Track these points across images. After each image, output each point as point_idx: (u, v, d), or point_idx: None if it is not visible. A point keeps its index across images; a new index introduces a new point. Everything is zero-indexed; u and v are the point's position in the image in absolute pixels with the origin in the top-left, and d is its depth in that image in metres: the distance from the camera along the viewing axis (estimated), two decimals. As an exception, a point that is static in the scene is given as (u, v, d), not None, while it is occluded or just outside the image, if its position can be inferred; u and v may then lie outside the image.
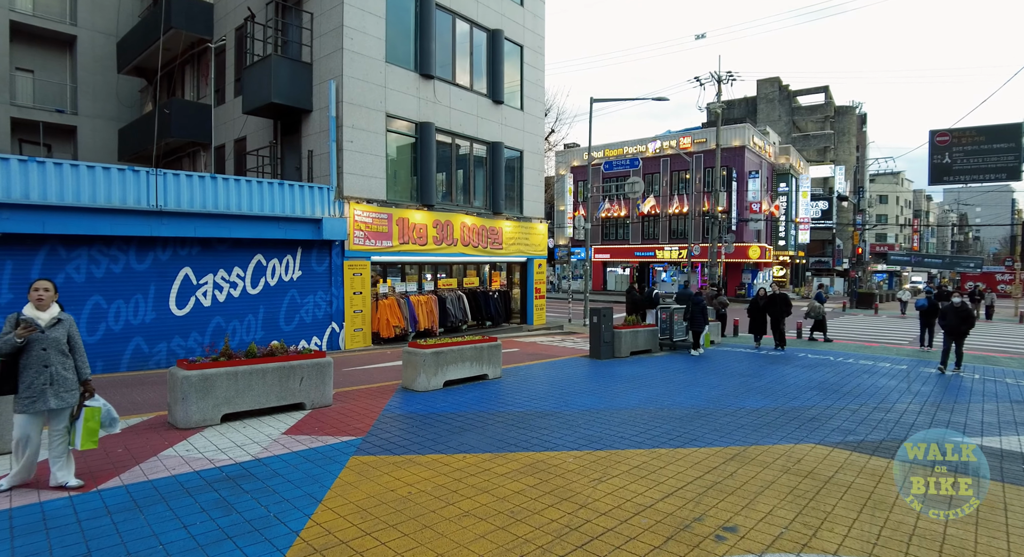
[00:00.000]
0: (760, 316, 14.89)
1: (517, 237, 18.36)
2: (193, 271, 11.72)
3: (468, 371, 9.34)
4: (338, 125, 13.74)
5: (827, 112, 60.30)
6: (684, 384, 9.69)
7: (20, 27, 23.29)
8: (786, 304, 14.44)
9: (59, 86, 25.20)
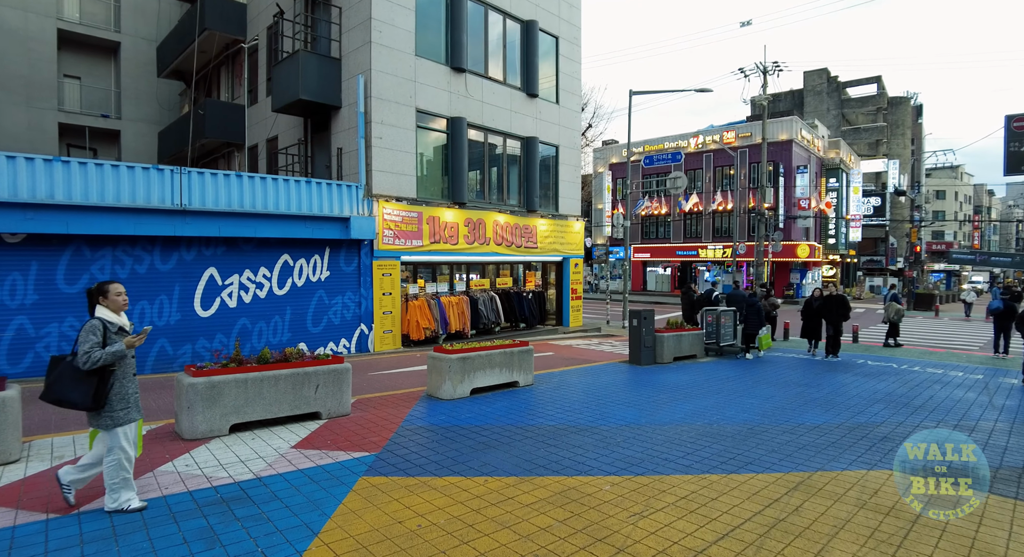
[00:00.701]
0: (815, 319, 13.61)
1: (552, 236, 17.67)
2: (218, 271, 11.45)
3: (497, 378, 8.72)
4: (366, 121, 13.32)
5: (879, 103, 57.51)
6: (734, 395, 8.84)
7: (68, 35, 23.85)
8: (843, 306, 13.09)
9: (104, 92, 25.77)
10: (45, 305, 9.76)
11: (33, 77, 22.93)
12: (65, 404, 3.98)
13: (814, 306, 13.65)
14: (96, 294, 4.14)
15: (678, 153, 20.64)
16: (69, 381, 3.96)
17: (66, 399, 3.98)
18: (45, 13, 23.13)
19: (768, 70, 33.66)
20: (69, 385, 3.95)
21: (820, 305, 13.45)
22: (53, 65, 23.67)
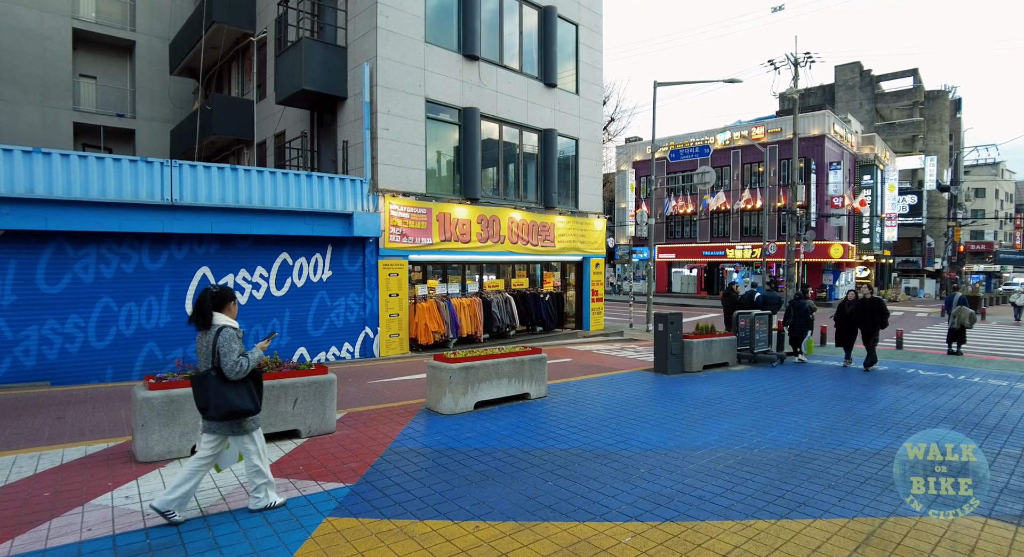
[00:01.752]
0: (849, 326, 12.06)
1: (571, 234, 16.69)
2: (212, 271, 10.74)
3: (505, 389, 7.79)
4: (372, 111, 12.52)
5: (915, 98, 55.22)
6: (774, 410, 7.78)
7: (84, 35, 23.67)
8: (879, 311, 11.51)
9: (120, 91, 25.57)
10: (24, 306, 9.12)
11: (48, 77, 22.75)
12: (239, 414, 4.00)
13: (847, 311, 12.11)
14: (220, 300, 4.11)
15: (706, 147, 19.50)
16: (230, 393, 3.95)
17: (240, 409, 3.98)
18: (60, 12, 22.93)
19: (799, 62, 32.19)
20: (233, 396, 3.96)
21: (853, 310, 11.90)
22: (68, 65, 23.49)
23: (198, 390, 3.97)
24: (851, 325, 11.95)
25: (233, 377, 3.90)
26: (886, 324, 11.74)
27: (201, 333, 4.07)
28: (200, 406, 3.96)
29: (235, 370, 3.88)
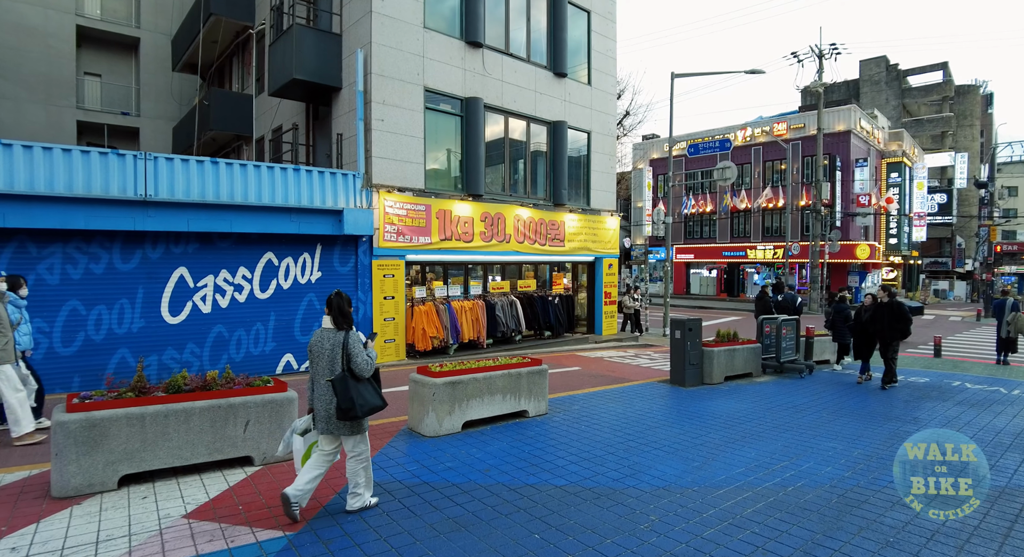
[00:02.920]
0: (865, 335, 10.34)
1: (583, 233, 15.71)
2: (190, 272, 9.96)
3: (499, 407, 6.87)
4: (366, 101, 11.69)
5: (945, 92, 53.19)
6: (808, 433, 6.76)
7: (88, 32, 23.31)
8: (899, 317, 9.61)
9: (125, 89, 25.19)
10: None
11: (52, 74, 22.38)
12: (375, 411, 4.17)
13: (864, 318, 10.33)
14: (349, 307, 4.31)
15: (726, 141, 18.41)
16: (367, 391, 4.12)
17: (377, 407, 4.17)
18: (65, 10, 22.55)
19: (824, 54, 30.88)
20: (369, 394, 4.12)
21: (869, 317, 10.06)
22: (72, 62, 23.13)
23: (343, 391, 4.00)
24: (867, 334, 10.30)
25: (365, 375, 4.12)
26: (908, 332, 9.76)
27: (324, 336, 4.20)
28: (345, 407, 3.98)
29: (366, 368, 4.11)
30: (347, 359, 4.07)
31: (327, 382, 4.07)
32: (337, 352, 4.08)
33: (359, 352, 4.11)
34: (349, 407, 3.98)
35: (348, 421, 4.07)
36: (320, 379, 4.15)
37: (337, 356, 4.08)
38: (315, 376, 4.22)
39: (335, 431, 4.12)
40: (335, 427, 4.10)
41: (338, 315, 4.20)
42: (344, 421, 4.07)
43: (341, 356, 4.08)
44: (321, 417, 4.15)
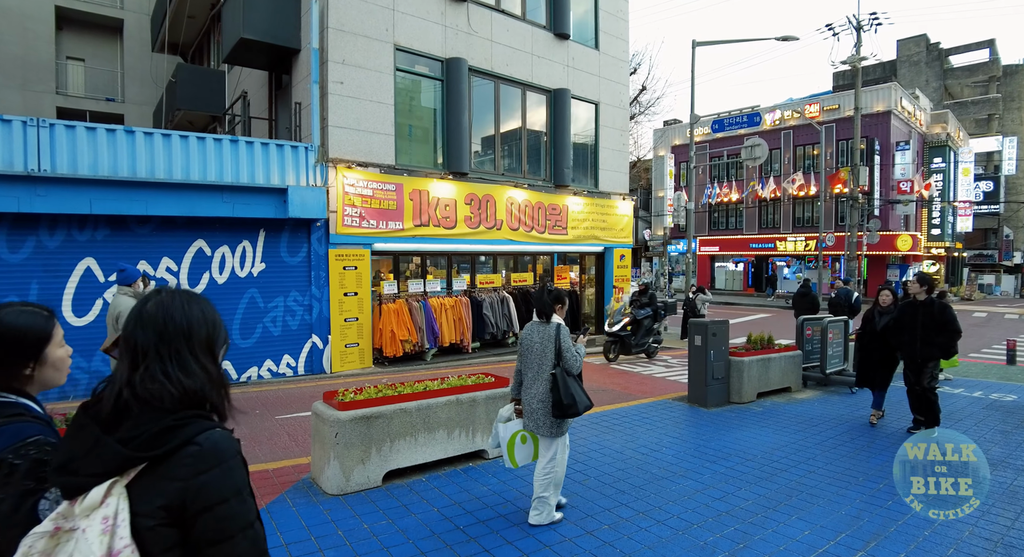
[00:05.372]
0: (881, 351, 6.79)
1: (589, 219, 13.67)
2: (99, 263, 8.20)
3: (442, 448, 4.92)
4: (322, 61, 9.82)
5: (991, 72, 49.64)
6: (882, 484, 4.68)
7: (68, 14, 21.98)
8: (944, 327, 6.12)
9: (110, 73, 23.86)
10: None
11: (29, 58, 21.06)
12: (588, 409, 4.00)
13: (876, 325, 6.88)
14: (556, 299, 4.16)
15: (755, 115, 16.20)
16: (578, 389, 3.96)
17: (589, 405, 4.00)
18: (41, -10, 21.22)
19: (863, 26, 28.17)
20: (580, 392, 3.96)
21: (892, 323, 6.55)
22: (51, 45, 21.81)
23: (563, 387, 3.87)
24: (884, 349, 6.74)
25: (575, 371, 3.98)
26: (954, 349, 6.32)
27: (534, 329, 4.09)
28: (567, 403, 3.85)
29: (575, 364, 3.98)
30: (558, 354, 3.96)
31: (548, 376, 3.94)
32: (548, 346, 3.99)
33: (570, 347, 4.01)
34: (571, 403, 3.87)
35: (562, 418, 3.92)
36: (528, 372, 4.07)
37: (548, 350, 3.99)
38: (522, 369, 4.15)
39: (534, 428, 4.02)
40: (535, 424, 4.00)
41: (542, 306, 4.11)
42: (555, 418, 3.93)
43: (553, 350, 3.97)
44: (526, 412, 4.06)
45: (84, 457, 1.12)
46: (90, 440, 1.12)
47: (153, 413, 1.15)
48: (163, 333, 1.22)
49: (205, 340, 1.28)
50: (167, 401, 1.16)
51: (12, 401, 1.44)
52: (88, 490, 1.10)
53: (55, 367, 1.53)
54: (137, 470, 1.12)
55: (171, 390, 1.17)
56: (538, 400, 3.95)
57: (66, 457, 1.14)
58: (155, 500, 1.11)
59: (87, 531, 1.07)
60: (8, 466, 1.29)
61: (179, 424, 1.15)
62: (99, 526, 1.07)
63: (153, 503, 1.11)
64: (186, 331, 1.24)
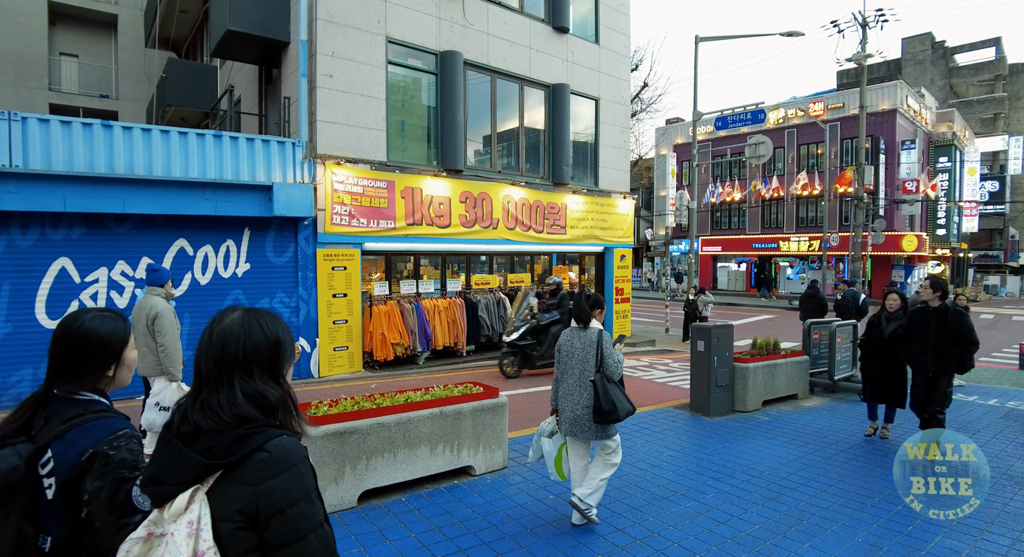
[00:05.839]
0: (886, 362, 6.14)
1: (589, 218, 13.29)
2: (75, 263, 7.86)
3: (424, 465, 4.56)
4: (310, 53, 9.46)
5: (997, 71, 49.13)
6: (905, 511, 4.31)
7: (61, 9, 21.69)
8: (959, 336, 5.43)
9: (104, 70, 23.57)
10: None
11: (22, 54, 20.75)
12: (630, 415, 3.96)
13: (883, 333, 6.21)
14: (595, 304, 4.13)
15: (760, 111, 15.78)
16: (619, 394, 3.93)
17: (631, 410, 3.98)
18: (34, -14, 20.92)
19: (868, 22, 27.74)
20: (621, 398, 3.93)
21: (902, 330, 5.86)
22: (44, 41, 21.52)
23: (604, 393, 3.84)
24: (890, 360, 6.10)
25: (615, 377, 3.96)
26: (969, 363, 5.51)
27: (574, 335, 4.07)
28: (607, 409, 3.82)
29: (617, 370, 3.96)
30: (600, 360, 3.93)
31: (589, 382, 3.91)
32: (589, 352, 3.96)
33: (612, 353, 3.98)
34: (612, 410, 3.85)
35: (603, 424, 3.90)
36: (568, 379, 4.02)
37: (589, 356, 3.96)
38: (561, 376, 4.09)
39: (580, 434, 3.97)
40: (580, 429, 3.95)
41: (579, 312, 4.08)
42: (598, 424, 3.91)
43: (595, 356, 3.94)
44: (567, 418, 3.99)
45: (170, 468, 1.22)
46: (174, 453, 1.23)
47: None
48: (219, 361, 1.29)
49: (267, 362, 1.34)
50: (222, 428, 1.23)
51: (96, 399, 1.58)
52: (173, 498, 1.20)
53: (129, 368, 1.67)
54: (215, 477, 1.22)
55: (225, 419, 1.24)
56: (582, 406, 3.92)
57: (155, 469, 1.25)
58: (231, 505, 1.19)
59: (175, 535, 1.16)
60: (104, 457, 1.45)
61: (250, 433, 1.24)
62: (185, 530, 1.16)
63: (230, 507, 1.19)
64: (242, 359, 1.30)
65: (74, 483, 1.45)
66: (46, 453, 1.46)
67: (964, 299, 9.40)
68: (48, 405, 1.55)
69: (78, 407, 1.53)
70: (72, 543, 1.47)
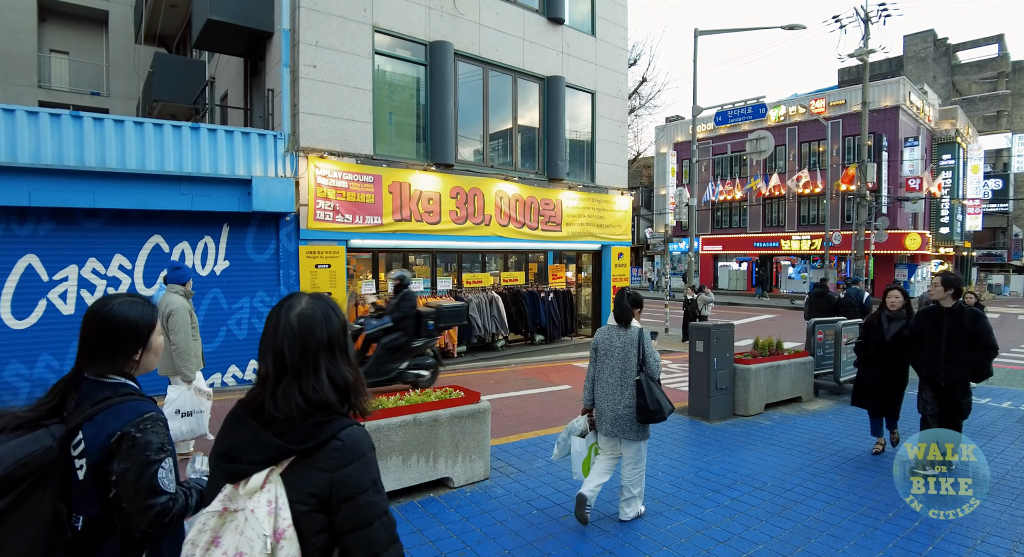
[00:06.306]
0: (890, 369, 5.50)
1: (585, 214, 12.91)
2: (42, 260, 7.49)
3: (396, 477, 4.18)
4: (293, 43, 9.09)
5: (1000, 68, 48.67)
6: (917, 515, 3.92)
7: (51, 5, 21.35)
8: (976, 340, 4.77)
9: (96, 67, 23.23)
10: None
11: (10, 51, 20.41)
12: (670, 414, 3.96)
13: (885, 334, 5.51)
14: (635, 302, 4.11)
15: (761, 105, 15.39)
16: (661, 394, 3.92)
17: (672, 409, 3.96)
18: (22, -19, 20.60)
19: (870, 17, 27.35)
20: (663, 397, 3.92)
21: (909, 335, 5.20)
22: (33, 38, 21.18)
23: (648, 392, 3.83)
24: (894, 363, 5.47)
25: (656, 376, 3.95)
26: (987, 370, 4.92)
27: (613, 333, 4.04)
28: (652, 409, 3.81)
29: (658, 369, 3.96)
30: (642, 359, 3.91)
31: (632, 382, 3.88)
32: (630, 351, 3.94)
33: (653, 352, 3.99)
34: (657, 409, 3.83)
35: (646, 423, 3.91)
36: (608, 378, 3.99)
37: (631, 356, 3.93)
38: (598, 375, 4.07)
39: (620, 434, 3.94)
40: (620, 429, 3.92)
41: (619, 312, 4.05)
42: (642, 423, 3.90)
43: (636, 355, 3.91)
44: (607, 418, 3.96)
45: (245, 447, 1.28)
46: (250, 432, 1.29)
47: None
48: (305, 349, 1.30)
49: (343, 345, 1.37)
50: (298, 414, 1.27)
51: (123, 382, 1.61)
52: (248, 476, 1.24)
53: (156, 352, 1.70)
54: (289, 461, 1.26)
55: (303, 406, 1.27)
56: (624, 405, 3.88)
57: (228, 445, 1.30)
58: (306, 488, 1.24)
59: (255, 511, 1.20)
60: (131, 439, 1.49)
61: (325, 420, 1.29)
62: (265, 508, 1.20)
63: (304, 491, 1.24)
64: (326, 344, 1.33)
65: (104, 464, 1.50)
66: (77, 435, 1.51)
67: (973, 297, 8.98)
68: (79, 388, 1.59)
69: (107, 390, 1.58)
70: (103, 522, 1.51)
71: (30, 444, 1.44)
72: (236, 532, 1.20)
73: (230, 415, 1.34)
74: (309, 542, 1.22)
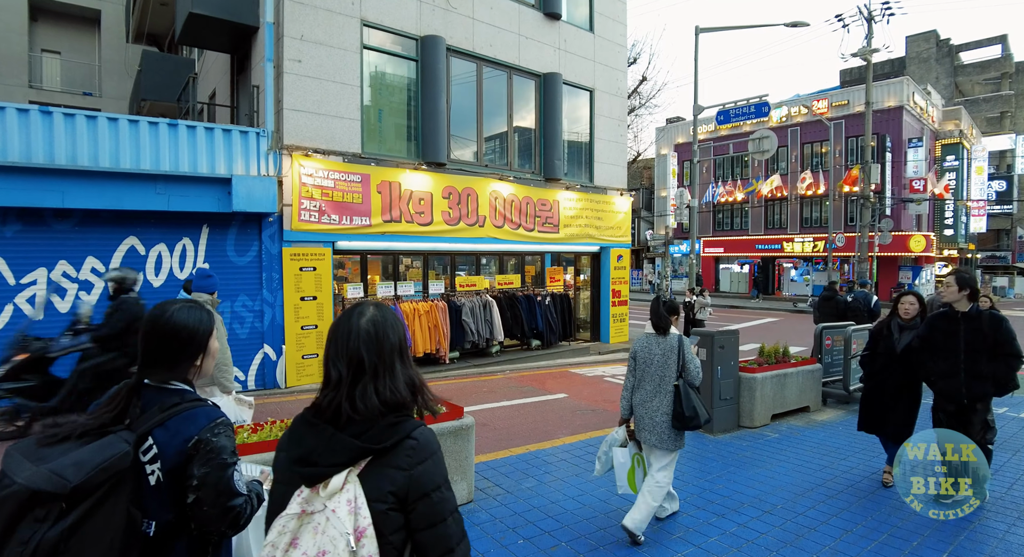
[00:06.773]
0: (900, 382, 4.79)
1: (583, 215, 12.53)
2: (8, 263, 7.12)
3: (369, 501, 3.80)
4: (277, 36, 8.73)
5: (1004, 68, 48.29)
6: (945, 545, 3.52)
7: (42, 5, 21.06)
8: (998, 349, 4.26)
9: (88, 67, 22.93)
10: None
11: (1, 50, 20.13)
12: (707, 422, 4.05)
13: (895, 344, 4.87)
14: (671, 310, 4.02)
15: (764, 104, 15.01)
16: (698, 401, 3.88)
17: (708, 417, 3.95)
18: (13, -20, 20.31)
19: (874, 16, 26.99)
20: (700, 404, 3.88)
21: (919, 343, 4.58)
22: (24, 37, 20.88)
23: (686, 399, 3.79)
24: (905, 382, 4.81)
25: (696, 383, 3.92)
26: (1014, 383, 4.30)
27: (652, 341, 3.98)
28: (689, 415, 3.77)
29: (698, 376, 3.93)
30: (682, 366, 3.87)
31: (671, 388, 3.83)
32: (671, 358, 3.89)
33: (693, 359, 3.93)
34: (693, 415, 3.78)
35: (683, 430, 3.83)
36: (647, 386, 3.93)
37: (670, 362, 3.88)
38: (638, 384, 4.00)
39: (655, 442, 3.84)
40: (656, 437, 3.83)
41: (657, 319, 3.99)
42: (677, 430, 3.81)
43: (676, 362, 3.87)
44: (646, 426, 3.88)
45: (322, 450, 1.31)
46: (326, 436, 1.32)
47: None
48: (381, 352, 1.38)
49: (407, 349, 1.46)
50: (376, 414, 1.32)
51: (186, 388, 1.64)
52: (328, 478, 1.28)
53: (213, 357, 1.72)
54: (365, 461, 1.30)
55: (380, 407, 1.32)
56: (662, 413, 3.83)
57: (305, 451, 1.34)
58: (385, 486, 1.29)
59: (337, 511, 1.24)
60: (208, 443, 1.53)
61: (398, 421, 1.34)
62: (345, 507, 1.24)
63: (383, 489, 1.29)
64: (399, 347, 1.42)
65: (180, 469, 1.51)
66: (147, 440, 1.51)
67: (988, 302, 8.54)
68: (141, 395, 1.59)
69: (175, 396, 1.59)
70: (176, 527, 1.53)
71: (107, 449, 1.43)
72: (315, 532, 1.24)
73: (301, 421, 1.39)
74: (387, 540, 1.26)
